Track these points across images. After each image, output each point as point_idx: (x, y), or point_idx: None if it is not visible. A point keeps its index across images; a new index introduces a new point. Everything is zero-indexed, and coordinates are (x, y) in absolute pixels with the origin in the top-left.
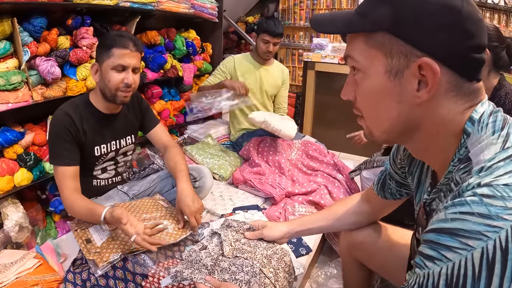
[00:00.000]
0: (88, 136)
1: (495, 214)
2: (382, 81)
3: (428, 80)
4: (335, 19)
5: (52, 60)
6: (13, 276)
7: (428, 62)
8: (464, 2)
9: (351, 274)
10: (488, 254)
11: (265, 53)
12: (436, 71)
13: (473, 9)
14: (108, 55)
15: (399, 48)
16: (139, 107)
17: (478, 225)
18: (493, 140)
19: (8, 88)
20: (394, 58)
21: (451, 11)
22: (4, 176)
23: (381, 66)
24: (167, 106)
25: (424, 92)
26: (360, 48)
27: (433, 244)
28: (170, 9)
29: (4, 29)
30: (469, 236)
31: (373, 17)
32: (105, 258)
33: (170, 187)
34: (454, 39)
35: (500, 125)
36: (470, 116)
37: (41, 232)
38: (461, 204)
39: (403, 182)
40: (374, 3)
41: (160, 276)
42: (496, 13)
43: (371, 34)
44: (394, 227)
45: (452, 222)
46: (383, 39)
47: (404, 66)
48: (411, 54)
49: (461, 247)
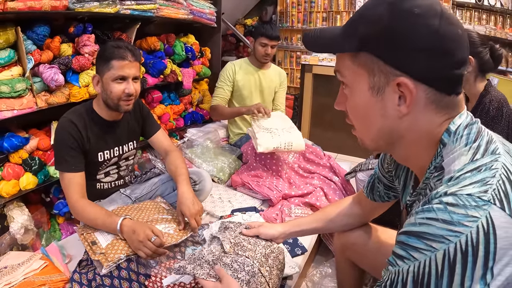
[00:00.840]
0: (92, 142)
1: (456, 221)
2: (366, 97)
3: (406, 97)
4: (326, 38)
5: (55, 67)
6: (21, 277)
7: (404, 82)
8: (442, 21)
9: (344, 273)
10: (449, 255)
11: (264, 56)
12: (412, 89)
13: (452, 26)
14: (108, 67)
15: (380, 67)
16: (140, 113)
17: (441, 230)
18: (464, 152)
19: (13, 95)
20: (376, 76)
21: (428, 32)
22: (10, 181)
23: (365, 83)
24: (167, 110)
25: (404, 107)
26: (346, 64)
27: (403, 245)
28: (170, 16)
29: (8, 37)
30: (433, 239)
31: (356, 38)
32: (110, 258)
33: (171, 190)
34: (432, 59)
35: (474, 137)
36: (448, 127)
37: (45, 234)
38: (429, 210)
39: (391, 185)
40: (357, 24)
41: (162, 276)
42: (492, 15)
43: (356, 53)
44: (384, 228)
45: (419, 226)
46: (365, 59)
47: (384, 83)
48: (390, 73)
49: (426, 248)
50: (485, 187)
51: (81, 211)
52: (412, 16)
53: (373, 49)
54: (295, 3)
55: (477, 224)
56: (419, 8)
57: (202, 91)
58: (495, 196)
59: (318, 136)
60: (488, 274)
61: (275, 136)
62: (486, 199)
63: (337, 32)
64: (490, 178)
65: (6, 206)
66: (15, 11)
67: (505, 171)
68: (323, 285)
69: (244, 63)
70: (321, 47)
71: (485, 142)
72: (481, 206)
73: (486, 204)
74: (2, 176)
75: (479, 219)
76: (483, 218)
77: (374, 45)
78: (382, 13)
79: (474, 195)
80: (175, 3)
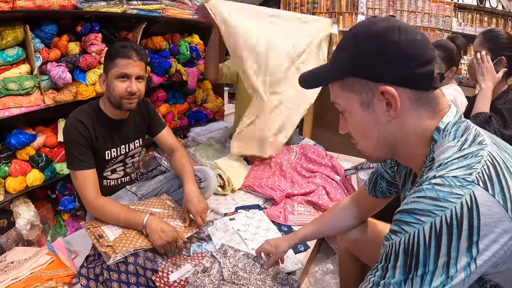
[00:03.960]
0: (100, 141)
1: (442, 197)
2: (361, 113)
3: (391, 101)
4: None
5: (63, 65)
6: (28, 272)
7: (386, 89)
8: (401, 34)
9: (346, 269)
10: (436, 227)
11: None
12: (393, 93)
13: (410, 35)
14: (113, 65)
15: (363, 85)
16: (146, 112)
17: (429, 205)
18: (452, 144)
19: (21, 93)
20: (363, 93)
21: (391, 46)
22: (17, 177)
23: (356, 103)
24: (171, 109)
25: (392, 110)
26: (338, 93)
27: (397, 221)
28: (175, 15)
29: (17, 35)
30: (421, 214)
31: (339, 67)
32: (117, 250)
33: (177, 187)
34: (400, 66)
35: (461, 133)
36: (437, 126)
37: (51, 230)
38: (419, 191)
39: (392, 181)
40: (339, 53)
41: (168, 271)
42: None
43: (343, 80)
44: (385, 223)
45: (410, 204)
46: (351, 82)
47: (371, 97)
48: (373, 87)
49: (415, 221)
50: (470, 170)
51: (101, 209)
52: (376, 38)
53: (354, 72)
54: (298, 3)
55: (461, 200)
56: (381, 30)
57: (206, 90)
58: (479, 178)
59: (320, 137)
60: (473, 248)
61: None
62: (470, 180)
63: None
64: (475, 163)
65: (12, 202)
66: (24, 9)
67: (490, 158)
68: (325, 282)
69: None
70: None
71: (473, 136)
72: (465, 185)
73: (470, 184)
74: (9, 172)
75: (463, 196)
76: (467, 195)
77: (354, 69)
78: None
79: (459, 176)
80: (180, 3)
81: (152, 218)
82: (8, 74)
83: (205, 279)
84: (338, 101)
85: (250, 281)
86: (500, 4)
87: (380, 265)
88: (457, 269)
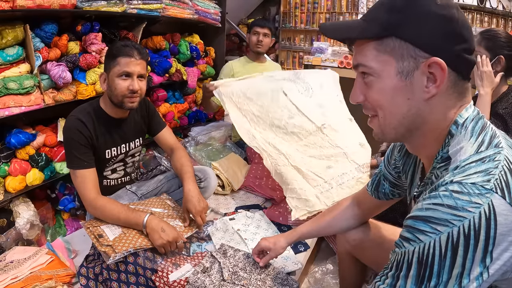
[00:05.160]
0: (100, 140)
1: (461, 206)
2: (394, 82)
3: (436, 77)
4: (348, 26)
5: (63, 65)
6: (27, 271)
7: (438, 61)
8: (459, 13)
9: (346, 269)
10: (453, 238)
11: (256, 44)
12: (444, 67)
13: (465, 18)
14: (114, 64)
15: (409, 51)
16: (146, 111)
17: (446, 214)
18: (470, 144)
19: (21, 92)
20: (405, 61)
21: (451, 20)
22: (17, 176)
23: (392, 69)
24: (171, 109)
25: (433, 87)
26: (371, 54)
27: (410, 228)
28: (175, 15)
29: (16, 35)
30: (438, 223)
31: (383, 24)
32: (117, 250)
33: (177, 187)
34: (453, 43)
35: (478, 131)
36: (455, 120)
37: (50, 229)
38: (435, 197)
39: (396, 183)
40: (383, 11)
41: (168, 271)
42: (494, 17)
43: (381, 40)
44: (386, 224)
45: (426, 211)
46: (393, 44)
47: (414, 67)
48: (419, 56)
49: (431, 231)
50: (488, 176)
51: (101, 209)
52: (436, 6)
53: (402, 33)
54: (299, 3)
55: (479, 210)
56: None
57: None
58: (497, 186)
59: None
60: (487, 258)
61: None
62: (488, 188)
63: (360, 20)
64: (493, 168)
65: (12, 202)
66: (24, 8)
67: (507, 163)
68: (324, 282)
69: (243, 60)
70: (345, 31)
71: (489, 137)
72: (484, 194)
73: (489, 192)
74: (9, 171)
75: (481, 205)
76: (485, 205)
77: (403, 29)
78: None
79: (477, 183)
80: (180, 3)
81: (152, 218)
82: (8, 73)
83: (205, 280)
84: (369, 64)
85: (250, 281)
86: (501, 5)
87: (391, 272)
88: (470, 279)
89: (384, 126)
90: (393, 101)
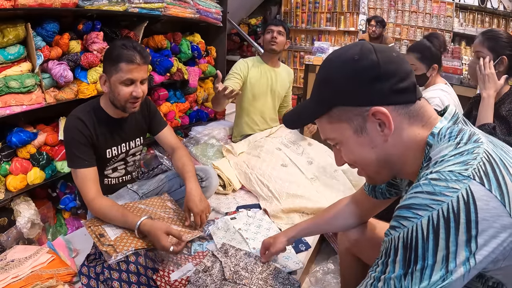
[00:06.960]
0: (100, 139)
1: (438, 191)
2: (355, 140)
3: (384, 120)
4: (300, 113)
5: (64, 63)
6: (28, 270)
7: (376, 109)
8: (378, 54)
9: (348, 268)
10: (433, 221)
11: (270, 41)
12: (384, 111)
13: (386, 53)
14: (116, 70)
15: (352, 112)
16: (147, 110)
17: (425, 200)
18: (447, 144)
19: (22, 91)
20: (354, 121)
21: (372, 67)
22: (17, 175)
23: (349, 131)
24: (172, 108)
25: (386, 128)
26: (328, 128)
27: (396, 217)
28: (177, 14)
29: (18, 33)
30: (419, 208)
31: (323, 100)
32: (118, 249)
33: (178, 186)
34: (381, 84)
35: (455, 134)
36: (431, 131)
37: (51, 228)
38: (416, 186)
39: (392, 182)
40: (319, 88)
41: (169, 270)
42: (495, 17)
43: (329, 113)
44: (386, 224)
45: (408, 199)
46: (339, 112)
47: (363, 121)
48: (361, 111)
49: (413, 216)
50: (466, 166)
51: (100, 209)
52: (355, 62)
53: (340, 102)
54: (300, 3)
55: (457, 194)
56: (357, 54)
57: (207, 89)
58: (475, 173)
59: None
60: (472, 243)
61: None
62: (466, 175)
63: (304, 106)
64: (471, 160)
65: (13, 201)
66: (25, 7)
67: (486, 155)
68: (326, 281)
69: (256, 61)
70: (301, 122)
71: (468, 135)
72: (461, 180)
73: (466, 179)
74: (10, 170)
75: (459, 190)
76: (463, 189)
77: (339, 98)
78: (331, 72)
79: (455, 171)
80: (182, 2)
81: (144, 223)
82: (9, 72)
83: (206, 279)
84: (331, 136)
85: (252, 280)
86: (502, 5)
87: (381, 260)
88: (457, 263)
89: (367, 174)
90: (363, 155)
